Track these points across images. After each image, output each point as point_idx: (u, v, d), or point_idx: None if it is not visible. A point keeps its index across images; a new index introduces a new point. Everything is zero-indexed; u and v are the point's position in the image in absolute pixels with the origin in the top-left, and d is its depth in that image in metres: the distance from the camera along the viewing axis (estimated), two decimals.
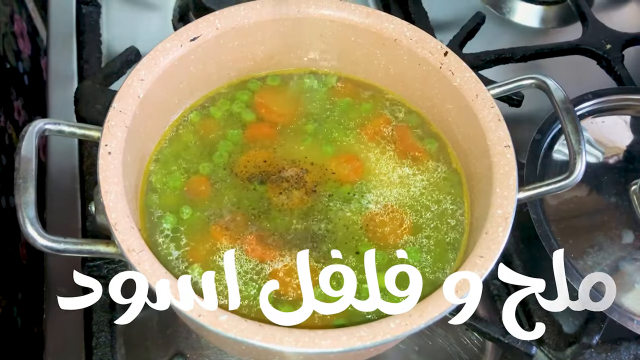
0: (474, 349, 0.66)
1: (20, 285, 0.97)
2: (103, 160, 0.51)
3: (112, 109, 0.53)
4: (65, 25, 0.86)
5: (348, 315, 0.53)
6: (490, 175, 0.54)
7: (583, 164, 0.55)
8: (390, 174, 0.61)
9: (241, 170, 0.60)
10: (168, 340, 0.63)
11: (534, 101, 0.75)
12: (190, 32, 0.59)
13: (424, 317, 0.46)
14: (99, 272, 0.62)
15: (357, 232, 0.57)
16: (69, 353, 0.61)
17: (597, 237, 0.67)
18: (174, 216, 0.56)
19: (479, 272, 0.49)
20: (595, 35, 0.87)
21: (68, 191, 0.71)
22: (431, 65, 0.61)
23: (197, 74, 0.61)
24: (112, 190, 0.49)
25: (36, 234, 0.47)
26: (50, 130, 0.52)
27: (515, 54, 0.84)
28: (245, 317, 0.46)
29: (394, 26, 0.62)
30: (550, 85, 0.58)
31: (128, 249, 0.47)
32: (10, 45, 1.04)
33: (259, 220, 0.57)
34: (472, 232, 0.56)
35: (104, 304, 0.62)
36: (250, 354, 0.57)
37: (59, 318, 0.63)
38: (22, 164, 0.49)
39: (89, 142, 0.71)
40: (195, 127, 0.62)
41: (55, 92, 0.79)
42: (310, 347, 0.45)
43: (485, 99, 0.58)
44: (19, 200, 0.47)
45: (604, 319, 0.64)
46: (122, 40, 0.84)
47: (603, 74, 0.85)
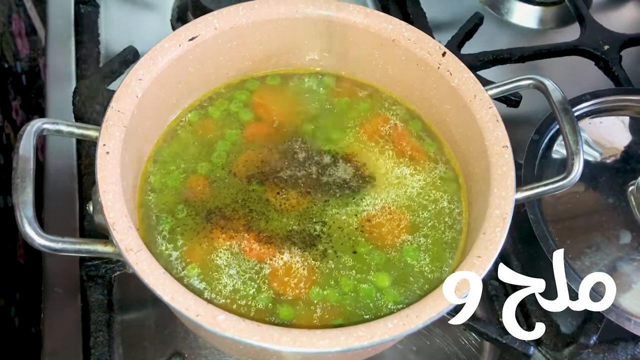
0: (471, 349, 0.66)
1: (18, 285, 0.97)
2: (101, 160, 0.51)
3: (110, 108, 0.53)
4: (63, 25, 0.86)
5: (347, 314, 0.53)
6: (488, 176, 0.55)
7: (581, 165, 0.55)
8: (389, 173, 0.61)
9: (239, 171, 0.60)
10: (166, 340, 0.63)
11: (532, 102, 0.75)
12: (188, 32, 0.59)
13: (421, 317, 0.46)
14: (96, 272, 0.62)
15: (353, 233, 0.57)
16: (66, 353, 0.61)
17: (595, 238, 0.67)
18: (172, 216, 0.56)
19: (476, 272, 0.49)
20: (593, 36, 0.87)
21: (66, 191, 0.71)
22: (429, 66, 0.61)
23: (195, 73, 0.61)
24: (110, 190, 0.49)
25: (34, 234, 0.47)
26: (49, 130, 0.52)
27: (513, 55, 0.84)
28: (244, 316, 0.46)
29: (393, 26, 0.62)
30: (548, 85, 0.58)
31: (126, 248, 0.47)
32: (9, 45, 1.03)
33: (257, 220, 0.57)
34: (470, 232, 0.56)
35: (102, 304, 0.62)
36: (248, 354, 0.57)
37: (56, 318, 0.63)
38: (20, 163, 0.49)
39: (87, 142, 0.71)
40: (193, 127, 0.62)
41: (53, 92, 0.79)
42: (308, 347, 0.45)
43: (483, 99, 0.58)
44: (17, 200, 0.47)
45: (602, 319, 0.64)
46: (120, 40, 0.84)
47: (601, 75, 0.85)
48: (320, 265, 0.55)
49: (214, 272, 0.54)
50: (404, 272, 0.55)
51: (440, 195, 0.60)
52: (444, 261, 0.56)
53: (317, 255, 0.55)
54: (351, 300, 0.53)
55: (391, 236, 0.57)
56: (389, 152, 0.62)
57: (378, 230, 0.57)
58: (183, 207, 0.57)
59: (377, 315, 0.53)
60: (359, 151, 0.62)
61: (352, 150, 0.62)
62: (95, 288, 0.62)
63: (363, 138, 0.63)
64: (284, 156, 0.61)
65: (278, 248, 0.55)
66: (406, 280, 0.55)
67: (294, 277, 0.54)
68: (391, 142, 0.63)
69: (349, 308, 0.53)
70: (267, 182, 0.59)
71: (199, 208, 0.57)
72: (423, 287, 0.55)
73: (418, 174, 0.61)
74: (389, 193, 0.60)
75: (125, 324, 0.64)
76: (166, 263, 0.54)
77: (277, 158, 0.61)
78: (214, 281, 0.53)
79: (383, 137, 0.63)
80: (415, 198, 0.60)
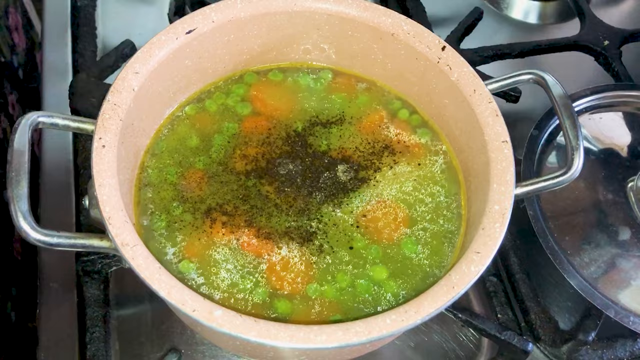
0: (470, 346, 0.66)
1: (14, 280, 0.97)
2: (97, 154, 0.50)
3: (107, 102, 0.53)
4: (60, 18, 0.85)
5: (345, 310, 0.52)
6: (487, 171, 0.54)
7: (581, 160, 0.54)
8: (387, 168, 0.60)
9: (237, 165, 0.59)
10: (162, 336, 0.63)
11: (532, 97, 0.75)
12: (185, 25, 0.58)
13: (420, 313, 0.46)
14: (93, 267, 0.62)
15: (349, 229, 0.57)
16: (62, 348, 0.61)
17: (594, 234, 0.67)
18: (169, 210, 0.56)
19: (475, 268, 0.48)
20: (593, 31, 0.87)
21: (62, 185, 0.70)
22: (429, 60, 0.60)
23: (192, 67, 0.61)
24: (106, 184, 0.49)
25: (29, 228, 0.46)
26: (44, 123, 0.51)
27: (513, 50, 0.83)
28: (242, 309, 0.46)
29: (392, 20, 0.61)
30: (549, 80, 0.58)
31: (122, 243, 0.47)
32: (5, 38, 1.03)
33: (254, 215, 0.56)
34: (469, 227, 0.56)
35: (98, 299, 0.61)
36: (245, 350, 0.57)
37: (52, 313, 0.63)
38: (15, 157, 0.48)
39: (84, 136, 0.70)
40: (190, 120, 0.62)
41: (50, 86, 0.79)
42: (305, 343, 0.44)
43: (482, 94, 0.57)
44: (12, 194, 0.47)
45: (600, 315, 0.64)
46: (117, 34, 0.84)
47: (601, 71, 0.85)
48: (319, 259, 0.55)
49: (212, 267, 0.53)
50: (403, 265, 0.55)
51: (438, 189, 0.60)
52: (443, 255, 0.56)
53: (314, 250, 0.55)
54: (349, 295, 0.53)
55: (389, 230, 0.57)
56: (387, 146, 0.62)
57: (375, 224, 0.57)
58: (180, 202, 0.56)
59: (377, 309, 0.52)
60: (357, 145, 0.62)
61: (350, 145, 0.62)
62: (91, 283, 0.62)
63: (361, 132, 0.63)
64: (282, 150, 0.61)
65: (276, 242, 0.55)
66: (405, 272, 0.55)
67: (291, 272, 0.54)
68: (389, 136, 0.63)
69: (348, 303, 0.53)
70: (265, 177, 0.59)
71: (195, 202, 0.57)
72: (421, 282, 0.54)
73: (416, 169, 0.61)
74: (387, 187, 0.59)
75: (121, 320, 0.63)
76: (162, 258, 0.54)
77: (274, 152, 0.60)
78: (212, 275, 0.53)
79: (381, 132, 0.63)
80: (414, 192, 0.59)
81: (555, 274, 0.65)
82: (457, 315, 0.63)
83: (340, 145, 0.62)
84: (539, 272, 0.66)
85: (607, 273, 0.65)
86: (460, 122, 0.60)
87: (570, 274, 0.64)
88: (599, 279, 0.65)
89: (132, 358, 0.61)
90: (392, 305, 0.53)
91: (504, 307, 0.66)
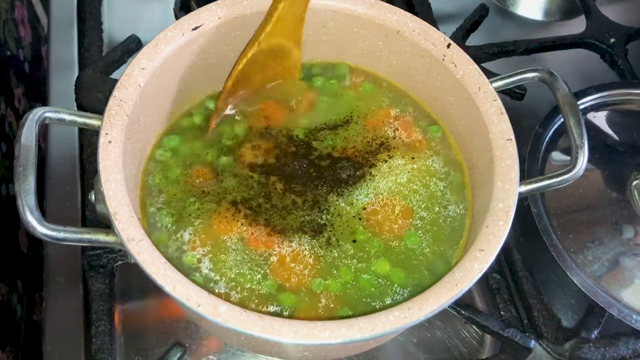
0: (472, 342, 0.66)
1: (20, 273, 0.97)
2: (103, 149, 0.50)
3: (113, 97, 0.53)
4: (66, 12, 0.85)
5: (352, 304, 0.53)
6: (491, 169, 0.54)
7: (585, 159, 0.54)
8: (392, 164, 0.60)
9: (244, 160, 0.59)
10: (167, 330, 0.63)
11: (537, 94, 0.75)
12: (191, 21, 0.59)
13: (423, 310, 0.46)
14: (98, 262, 0.62)
15: (353, 221, 0.57)
16: (68, 342, 0.61)
17: (598, 232, 0.67)
18: (175, 205, 0.56)
19: (479, 265, 0.49)
20: (599, 28, 0.86)
21: (68, 180, 0.71)
22: (434, 57, 0.60)
23: (198, 63, 0.61)
24: (112, 179, 0.49)
25: (35, 222, 0.46)
26: (51, 119, 0.52)
27: (519, 47, 0.83)
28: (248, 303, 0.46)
29: (397, 17, 0.61)
30: (554, 78, 0.58)
31: (128, 238, 0.47)
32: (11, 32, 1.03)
33: (262, 210, 0.57)
34: (473, 225, 0.56)
35: (104, 293, 0.62)
36: (249, 345, 0.57)
37: (58, 307, 0.63)
38: (22, 152, 0.49)
39: (90, 131, 0.71)
40: (197, 116, 0.62)
41: (55, 80, 0.79)
42: (309, 339, 0.45)
43: (487, 91, 0.57)
44: (19, 188, 0.47)
45: (603, 313, 0.64)
46: (123, 29, 0.84)
47: (606, 68, 0.85)
48: (325, 254, 0.55)
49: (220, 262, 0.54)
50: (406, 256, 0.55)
51: (443, 186, 0.60)
52: (447, 253, 0.56)
53: (322, 244, 0.55)
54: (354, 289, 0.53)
55: (393, 224, 0.57)
56: (392, 142, 0.62)
57: (376, 218, 0.57)
58: (186, 197, 0.57)
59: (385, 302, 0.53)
60: (362, 141, 0.62)
61: (356, 141, 0.62)
62: (96, 277, 0.62)
63: (366, 128, 0.63)
64: (288, 146, 0.61)
65: (283, 236, 0.55)
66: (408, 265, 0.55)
67: (299, 265, 0.54)
68: (394, 132, 0.63)
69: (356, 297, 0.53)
70: (273, 172, 0.59)
71: (202, 198, 0.57)
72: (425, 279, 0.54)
73: (421, 165, 0.61)
74: (393, 183, 0.59)
75: (126, 314, 0.64)
76: (168, 253, 0.54)
77: (281, 148, 0.61)
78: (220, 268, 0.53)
79: (386, 128, 0.63)
80: (418, 189, 0.59)
81: (558, 271, 0.65)
82: (461, 312, 0.63)
83: (345, 141, 0.62)
84: (542, 269, 0.66)
85: (611, 271, 0.65)
86: (465, 119, 0.60)
87: (574, 272, 0.64)
88: (602, 276, 0.65)
89: (137, 352, 0.62)
90: (398, 296, 0.53)
91: (507, 304, 0.66)
